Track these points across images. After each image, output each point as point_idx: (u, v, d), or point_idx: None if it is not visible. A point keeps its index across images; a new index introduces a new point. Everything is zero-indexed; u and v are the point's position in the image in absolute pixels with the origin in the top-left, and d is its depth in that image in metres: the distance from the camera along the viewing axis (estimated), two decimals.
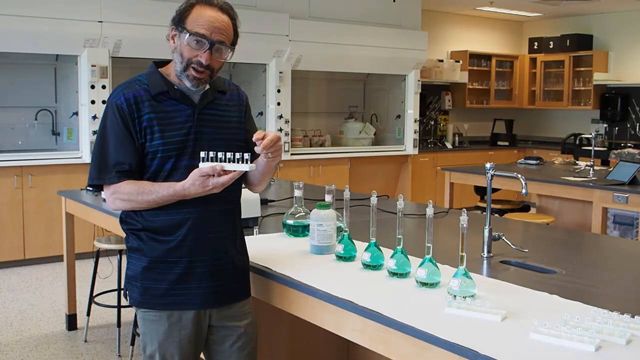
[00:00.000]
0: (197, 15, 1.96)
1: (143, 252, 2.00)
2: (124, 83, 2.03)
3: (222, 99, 2.10)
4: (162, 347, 2.01)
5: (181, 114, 1.99)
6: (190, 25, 1.96)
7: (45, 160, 5.73)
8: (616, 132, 8.96)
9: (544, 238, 3.02)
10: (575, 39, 9.17)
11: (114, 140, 1.95)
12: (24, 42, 5.45)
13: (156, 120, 1.96)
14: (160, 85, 2.00)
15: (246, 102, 2.20)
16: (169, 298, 1.99)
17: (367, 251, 2.20)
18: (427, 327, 1.65)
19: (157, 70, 2.06)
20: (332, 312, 1.94)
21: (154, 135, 1.95)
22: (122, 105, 1.95)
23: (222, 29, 1.96)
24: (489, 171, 2.45)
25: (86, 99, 5.77)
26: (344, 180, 7.25)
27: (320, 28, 6.96)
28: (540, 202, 5.93)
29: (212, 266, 2.02)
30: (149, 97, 1.98)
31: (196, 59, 1.95)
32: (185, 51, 1.97)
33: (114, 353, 3.81)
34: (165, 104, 1.99)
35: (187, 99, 2.01)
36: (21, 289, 5.09)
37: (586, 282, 2.11)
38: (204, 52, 1.95)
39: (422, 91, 8.15)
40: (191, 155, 1.97)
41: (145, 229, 2.00)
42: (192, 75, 1.97)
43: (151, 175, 1.97)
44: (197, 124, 2.00)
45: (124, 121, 1.95)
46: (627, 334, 1.56)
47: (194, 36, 1.94)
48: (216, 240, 2.03)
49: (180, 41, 1.98)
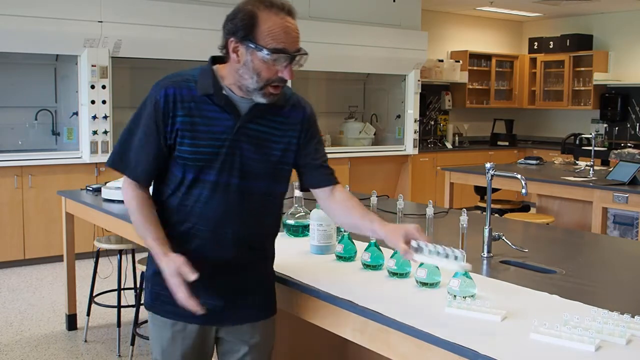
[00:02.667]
0: (268, 27, 1.74)
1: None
2: (173, 75, 1.87)
3: (277, 115, 1.88)
4: (165, 353, 1.96)
5: (220, 123, 1.81)
6: (263, 39, 1.74)
7: (45, 160, 5.72)
8: (616, 132, 8.96)
9: (544, 238, 3.02)
10: (575, 39, 9.16)
11: (142, 136, 1.84)
12: (24, 42, 5.45)
13: (190, 125, 1.80)
14: (207, 87, 1.82)
15: (309, 120, 1.95)
16: (175, 308, 1.88)
17: (367, 251, 2.20)
18: (427, 327, 1.65)
19: (211, 68, 1.86)
20: (332, 312, 1.94)
21: (184, 140, 1.80)
22: (160, 100, 1.81)
23: (297, 36, 1.78)
24: (489, 171, 2.45)
25: (86, 99, 5.77)
26: (344, 180, 7.24)
27: (320, 28, 6.96)
28: (540, 202, 5.93)
29: (221, 285, 1.90)
30: (192, 97, 1.82)
31: (277, 76, 1.77)
32: (263, 70, 1.76)
33: (114, 353, 3.81)
34: (207, 108, 1.82)
35: (232, 107, 1.82)
36: (21, 289, 5.09)
37: (586, 282, 2.11)
38: (284, 67, 1.76)
39: (422, 91, 8.15)
40: (219, 171, 1.81)
41: (167, 235, 1.88)
42: (270, 93, 1.79)
43: (173, 185, 1.85)
44: (235, 137, 1.81)
45: (156, 117, 1.82)
46: (627, 334, 1.56)
47: (274, 53, 1.73)
48: (228, 261, 1.88)
49: (251, 57, 1.75)
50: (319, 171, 1.98)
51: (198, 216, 1.84)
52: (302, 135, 1.94)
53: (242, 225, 1.87)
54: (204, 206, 1.83)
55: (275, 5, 1.77)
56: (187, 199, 1.84)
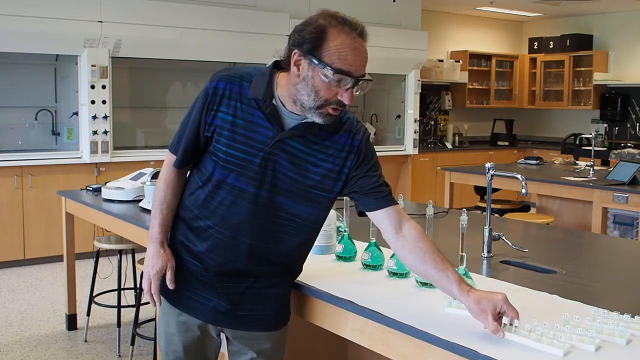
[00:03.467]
0: (336, 45, 1.66)
1: (173, 242, 1.93)
2: (231, 69, 1.83)
3: (324, 138, 1.79)
4: (168, 337, 1.98)
5: (261, 131, 1.75)
6: (328, 57, 1.65)
7: (45, 160, 5.72)
8: (616, 132, 8.96)
9: (544, 238, 3.02)
10: (575, 39, 9.16)
11: (190, 121, 1.83)
12: (24, 42, 5.45)
13: (231, 124, 1.76)
14: (259, 91, 1.75)
15: (359, 149, 1.83)
16: (180, 297, 1.91)
17: (367, 251, 2.20)
18: (427, 327, 1.65)
19: (269, 73, 1.78)
20: (332, 312, 1.94)
21: (221, 138, 1.77)
22: (210, 91, 1.78)
23: (365, 60, 1.69)
24: (489, 171, 2.45)
25: (86, 99, 5.77)
26: None
27: None
28: (540, 202, 5.93)
29: (231, 290, 1.86)
30: (241, 96, 1.77)
31: (336, 99, 1.69)
32: (322, 89, 1.68)
33: (114, 353, 3.81)
34: (253, 112, 1.76)
35: (276, 118, 1.75)
36: (21, 289, 5.09)
37: (586, 282, 2.11)
38: (345, 90, 1.68)
39: (422, 91, 8.15)
40: (248, 179, 1.76)
41: (182, 219, 1.90)
42: (328, 114, 1.71)
43: (204, 178, 1.82)
44: (271, 150, 1.75)
45: (203, 106, 1.79)
46: (627, 334, 1.56)
47: (337, 74, 1.65)
48: (241, 271, 1.84)
49: (312, 73, 1.67)
50: (371, 195, 1.85)
51: (220, 218, 1.81)
52: (352, 165, 1.82)
53: (261, 239, 1.81)
54: (227, 210, 1.79)
55: (347, 23, 1.70)
56: (212, 198, 1.81)
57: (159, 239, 1.89)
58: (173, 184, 1.90)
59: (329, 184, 1.81)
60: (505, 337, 1.55)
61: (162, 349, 2.02)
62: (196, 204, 1.85)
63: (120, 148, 6.02)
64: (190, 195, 1.88)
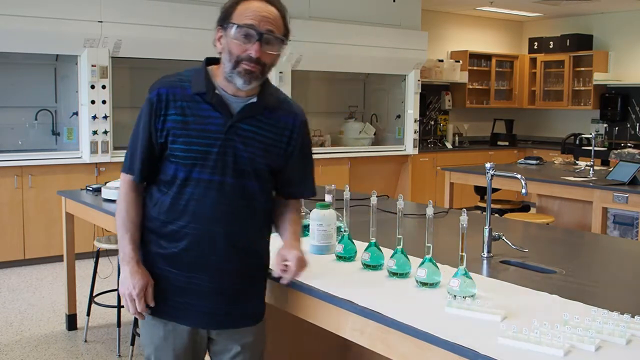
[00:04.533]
0: (244, 9, 1.83)
1: (146, 254, 1.96)
2: (168, 76, 1.93)
3: (268, 117, 1.92)
4: (157, 351, 2.00)
5: (212, 122, 1.85)
6: (236, 19, 1.83)
7: (45, 160, 5.72)
8: (616, 132, 8.96)
9: (544, 238, 3.02)
10: (575, 39, 9.16)
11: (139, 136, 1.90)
12: (24, 42, 5.45)
13: (182, 123, 1.84)
14: (200, 86, 1.87)
15: (299, 128, 1.97)
16: (166, 308, 1.94)
17: (367, 251, 2.20)
18: (427, 327, 1.65)
19: (205, 68, 1.92)
20: (332, 312, 1.94)
21: (176, 138, 1.84)
22: (153, 100, 1.87)
23: (270, 19, 1.84)
24: (489, 171, 2.45)
25: (86, 99, 5.77)
26: (344, 180, 7.24)
27: (320, 28, 6.96)
28: (540, 202, 5.93)
29: (211, 288, 1.91)
30: (185, 96, 1.86)
31: (245, 54, 1.81)
32: (233, 47, 1.82)
33: (114, 353, 3.81)
34: (200, 107, 1.86)
35: (224, 107, 1.86)
36: (21, 289, 5.09)
37: (586, 282, 2.11)
38: (252, 44, 1.81)
39: (422, 91, 8.15)
40: (212, 169, 1.85)
41: (151, 230, 1.94)
42: (244, 69, 1.82)
43: (166, 184, 1.89)
44: (227, 137, 1.85)
45: (150, 116, 1.87)
46: (627, 334, 1.56)
47: (241, 28, 1.81)
48: (220, 264, 1.90)
49: (227, 39, 1.84)
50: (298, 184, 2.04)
51: (191, 215, 1.87)
52: (292, 143, 1.97)
53: (234, 225, 1.89)
54: (197, 204, 1.86)
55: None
56: (180, 198, 1.87)
57: (134, 257, 1.93)
58: (134, 201, 1.95)
59: (275, 159, 1.95)
60: (505, 338, 1.55)
61: None
62: (162, 211, 1.90)
63: (120, 148, 6.01)
64: (155, 206, 1.92)
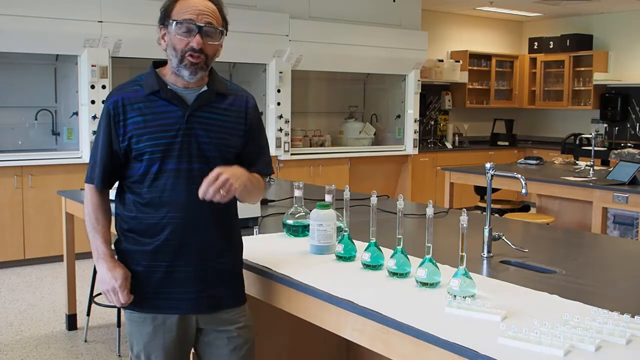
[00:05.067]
0: (181, 6, 1.94)
1: (124, 253, 2.02)
2: (121, 84, 2.05)
3: (221, 102, 2.04)
4: (147, 348, 2.01)
5: (171, 115, 1.96)
6: (176, 16, 1.94)
7: (45, 160, 5.72)
8: (616, 132, 8.96)
9: (544, 238, 3.02)
10: (575, 39, 9.16)
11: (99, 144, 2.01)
12: (24, 42, 5.45)
13: (143, 122, 1.94)
14: (152, 85, 1.98)
15: (252, 110, 2.10)
16: (152, 302, 1.99)
17: (367, 251, 2.20)
18: (427, 327, 1.65)
19: (154, 70, 2.03)
20: (332, 312, 1.94)
21: (140, 137, 1.94)
22: (110, 108, 1.97)
23: (207, 12, 1.95)
24: (489, 171, 2.45)
25: (86, 99, 5.77)
26: (344, 180, 7.25)
27: (320, 28, 6.96)
28: (540, 202, 5.93)
29: (196, 272, 1.99)
30: (140, 98, 1.97)
31: (189, 46, 1.92)
32: (176, 43, 1.94)
33: (114, 353, 3.82)
34: (156, 105, 1.97)
35: (179, 99, 1.98)
36: (21, 289, 5.09)
37: (586, 282, 2.11)
38: (194, 37, 1.92)
39: (422, 91, 8.15)
40: (178, 159, 1.95)
41: (130, 230, 2.00)
42: (189, 62, 1.93)
43: (138, 178, 1.97)
44: (187, 126, 1.96)
45: (109, 124, 1.97)
46: (627, 334, 1.56)
47: (181, 24, 1.92)
48: (201, 246, 1.99)
49: (169, 36, 1.95)
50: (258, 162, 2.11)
51: (168, 204, 1.95)
52: (248, 123, 2.07)
53: (207, 209, 1.95)
54: (171, 194, 1.95)
55: None
56: (154, 192, 1.96)
57: (108, 253, 2.00)
58: (99, 205, 2.05)
59: (236, 140, 2.05)
60: (505, 338, 1.55)
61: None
62: (139, 208, 1.98)
63: None
64: (131, 207, 1.99)
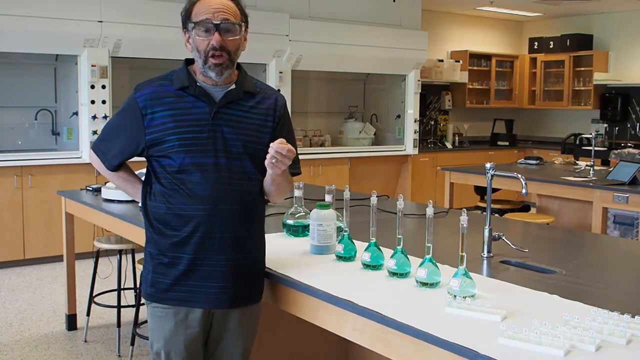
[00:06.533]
0: (198, 8, 1.98)
1: (152, 243, 2.05)
2: (152, 78, 2.08)
3: (249, 101, 2.07)
4: (168, 344, 2.03)
5: (199, 111, 2.00)
6: (194, 18, 1.98)
7: (45, 160, 5.72)
8: (616, 132, 8.96)
9: (544, 238, 3.02)
10: (575, 39, 9.16)
11: (115, 127, 2.10)
12: (24, 42, 5.45)
13: (171, 117, 1.98)
14: (183, 81, 2.01)
15: (281, 108, 2.14)
16: (173, 293, 2.01)
17: (367, 251, 2.20)
18: (427, 327, 1.65)
19: (185, 66, 2.06)
20: (332, 312, 1.94)
21: (169, 131, 1.97)
22: (138, 99, 2.01)
23: (223, 9, 1.97)
24: (489, 171, 2.45)
25: (86, 99, 5.77)
26: (344, 180, 7.25)
27: (320, 28, 6.96)
28: (540, 202, 5.93)
29: (220, 267, 2.01)
30: (169, 93, 2.00)
31: (210, 45, 1.95)
32: (199, 44, 1.97)
33: (114, 353, 3.81)
34: (185, 100, 2.00)
35: (207, 96, 2.01)
36: (21, 289, 5.09)
37: (586, 282, 2.11)
38: (213, 36, 1.95)
39: (422, 91, 8.15)
40: (205, 153, 1.98)
41: (157, 219, 2.03)
42: (212, 63, 1.96)
43: (166, 170, 2.00)
44: (213, 122, 1.99)
45: (133, 115, 2.01)
46: (627, 334, 1.56)
47: (199, 24, 1.95)
48: (226, 241, 2.01)
49: (192, 39, 1.99)
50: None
51: (194, 197, 1.98)
52: (273, 120, 2.10)
53: (233, 202, 2.01)
54: (197, 187, 1.98)
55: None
56: (181, 183, 1.98)
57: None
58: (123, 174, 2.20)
59: (264, 137, 2.06)
60: (505, 338, 1.55)
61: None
62: (166, 199, 2.00)
63: None
64: (157, 196, 2.03)
